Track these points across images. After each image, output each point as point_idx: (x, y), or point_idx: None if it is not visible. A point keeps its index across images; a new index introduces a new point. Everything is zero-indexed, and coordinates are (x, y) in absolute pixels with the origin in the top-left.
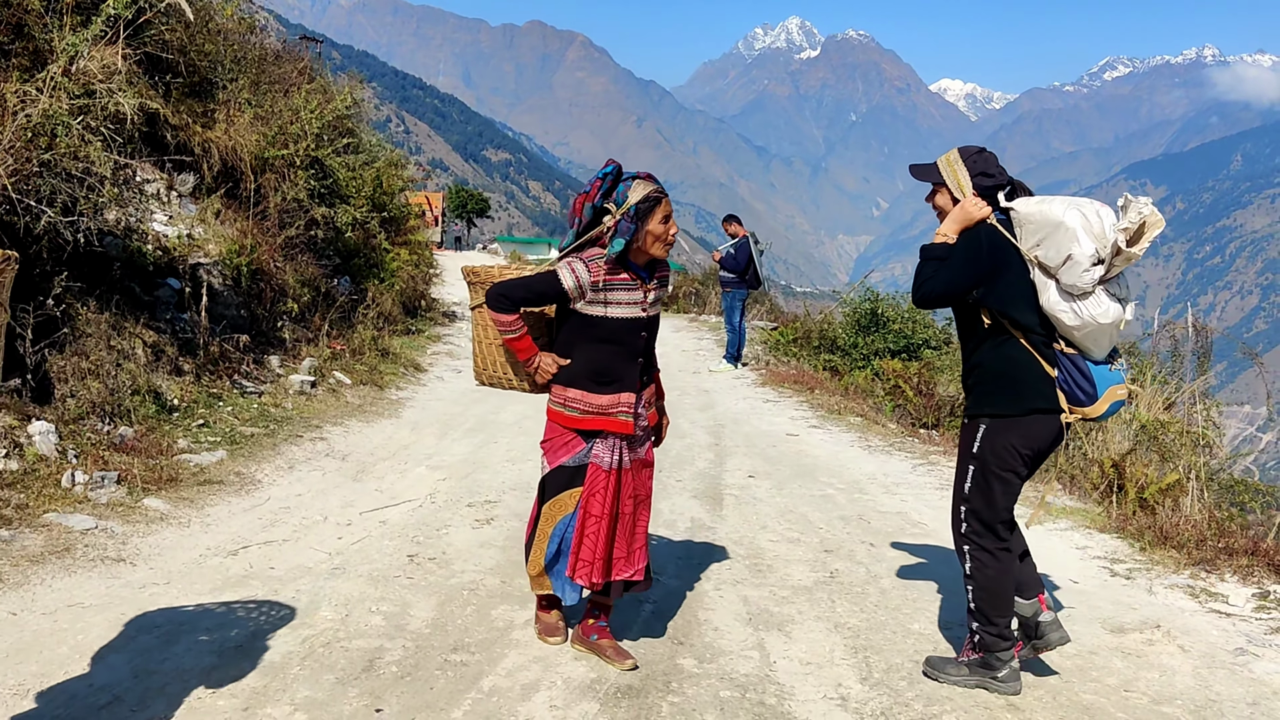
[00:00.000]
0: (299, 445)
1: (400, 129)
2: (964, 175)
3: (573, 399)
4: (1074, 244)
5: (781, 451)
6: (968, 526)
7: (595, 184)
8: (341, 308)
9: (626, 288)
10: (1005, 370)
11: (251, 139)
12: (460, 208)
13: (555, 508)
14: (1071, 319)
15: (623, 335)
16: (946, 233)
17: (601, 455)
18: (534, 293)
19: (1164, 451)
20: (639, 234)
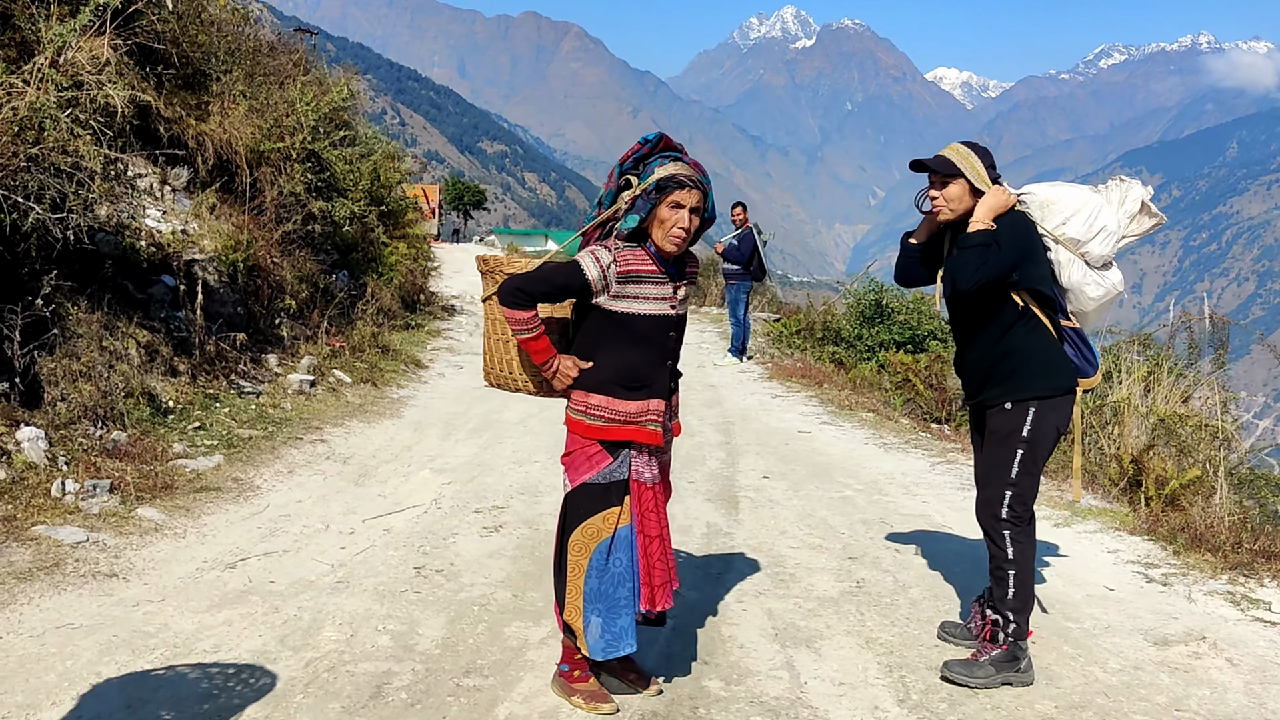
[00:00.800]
0: (299, 448)
1: (396, 121)
2: (980, 166)
3: (596, 406)
4: (1106, 216)
5: (795, 450)
6: (1010, 511)
7: (634, 147)
8: (340, 304)
9: (655, 281)
10: (1043, 351)
11: (246, 132)
12: (457, 200)
13: (588, 533)
14: (1095, 290)
15: (651, 335)
16: (982, 220)
17: (642, 471)
18: (554, 286)
19: (1182, 446)
20: (650, 215)
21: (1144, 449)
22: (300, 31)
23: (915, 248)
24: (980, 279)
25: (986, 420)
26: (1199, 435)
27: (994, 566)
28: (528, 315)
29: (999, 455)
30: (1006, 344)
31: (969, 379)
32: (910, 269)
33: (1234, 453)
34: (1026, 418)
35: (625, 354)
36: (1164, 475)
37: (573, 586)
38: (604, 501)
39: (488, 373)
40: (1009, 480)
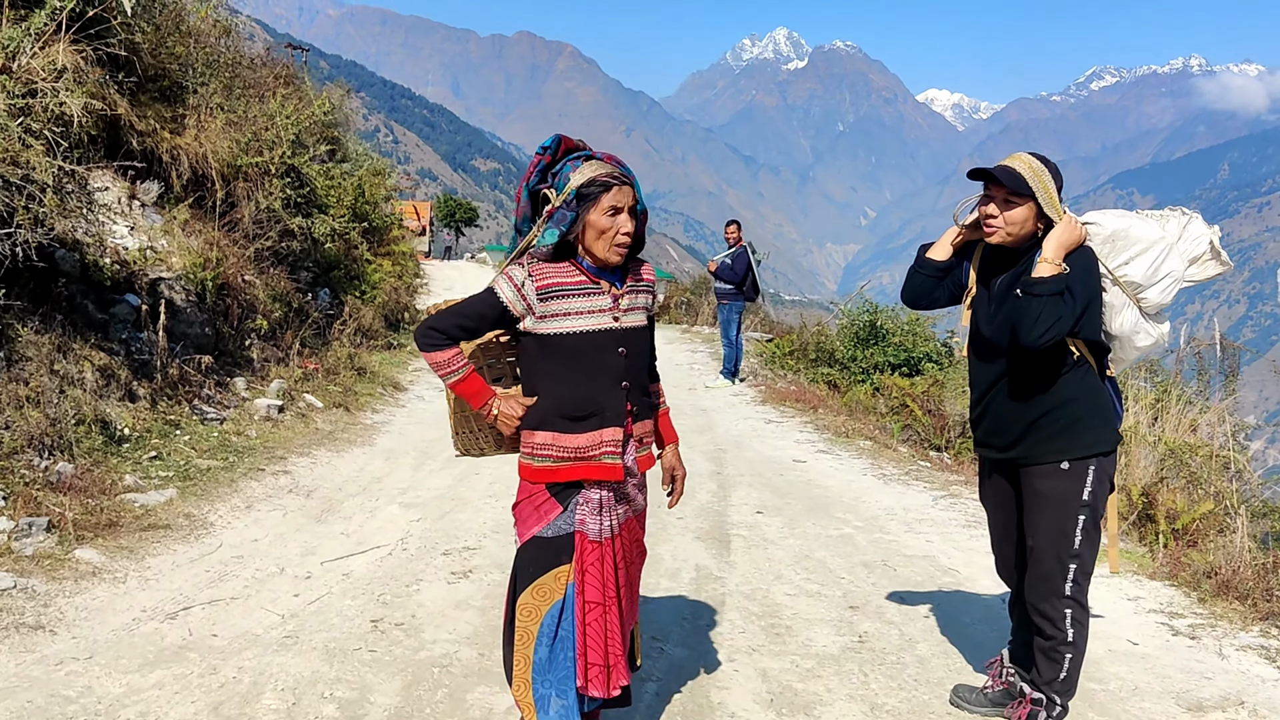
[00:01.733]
0: (259, 480)
1: (389, 139)
2: (1053, 188)
3: (541, 445)
4: (1171, 259)
5: (790, 481)
6: (1074, 586)
7: (534, 160)
8: (316, 323)
9: (585, 293)
10: (1099, 402)
11: (224, 145)
12: (449, 217)
13: (539, 595)
14: (1144, 340)
15: (591, 354)
16: (1054, 260)
17: (588, 521)
18: (469, 317)
19: (1193, 477)
20: (575, 225)
21: (1154, 481)
22: (290, 48)
23: (937, 265)
24: (1054, 336)
25: (1027, 480)
26: (1209, 466)
27: (1048, 647)
28: (448, 355)
29: (1057, 523)
30: (1060, 394)
31: (1001, 430)
32: (926, 289)
33: (1245, 484)
34: (1087, 478)
35: (563, 380)
36: (1175, 509)
37: (520, 656)
38: (555, 558)
39: (454, 439)
40: (1072, 552)
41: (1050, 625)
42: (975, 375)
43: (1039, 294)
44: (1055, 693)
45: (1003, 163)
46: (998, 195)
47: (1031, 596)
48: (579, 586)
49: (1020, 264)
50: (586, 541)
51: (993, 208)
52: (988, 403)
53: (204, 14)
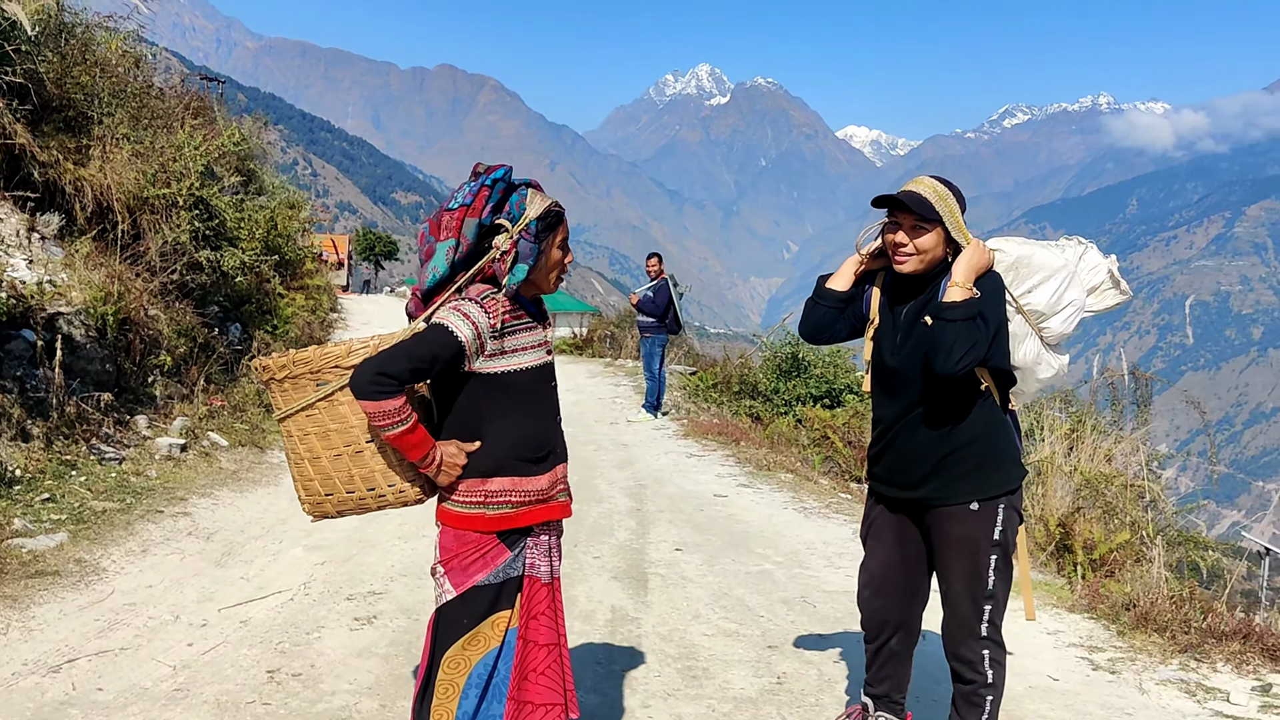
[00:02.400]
0: (157, 522)
1: (308, 171)
2: (959, 213)
3: (498, 492)
4: (1073, 288)
5: (710, 516)
6: (990, 626)
7: (481, 193)
8: (223, 359)
9: (527, 327)
10: (1004, 437)
11: (130, 176)
12: (368, 250)
13: (473, 646)
14: (1045, 371)
15: (539, 389)
16: (964, 284)
17: (539, 564)
18: (422, 359)
19: (1108, 507)
20: (540, 259)
21: (1071, 511)
22: (206, 79)
23: (839, 296)
24: (970, 362)
25: (936, 522)
26: (1124, 495)
27: (968, 691)
28: (398, 404)
29: (970, 566)
30: (969, 430)
31: (906, 469)
32: (827, 321)
33: (1160, 513)
34: (997, 517)
35: (518, 420)
36: (1092, 539)
37: (442, 710)
38: (494, 604)
39: (317, 503)
40: (986, 593)
41: (969, 669)
42: (879, 411)
43: (953, 319)
44: None
45: (906, 188)
46: (905, 222)
47: (948, 642)
48: (523, 629)
49: (927, 291)
50: (539, 585)
51: (901, 235)
52: (891, 439)
53: (114, 45)
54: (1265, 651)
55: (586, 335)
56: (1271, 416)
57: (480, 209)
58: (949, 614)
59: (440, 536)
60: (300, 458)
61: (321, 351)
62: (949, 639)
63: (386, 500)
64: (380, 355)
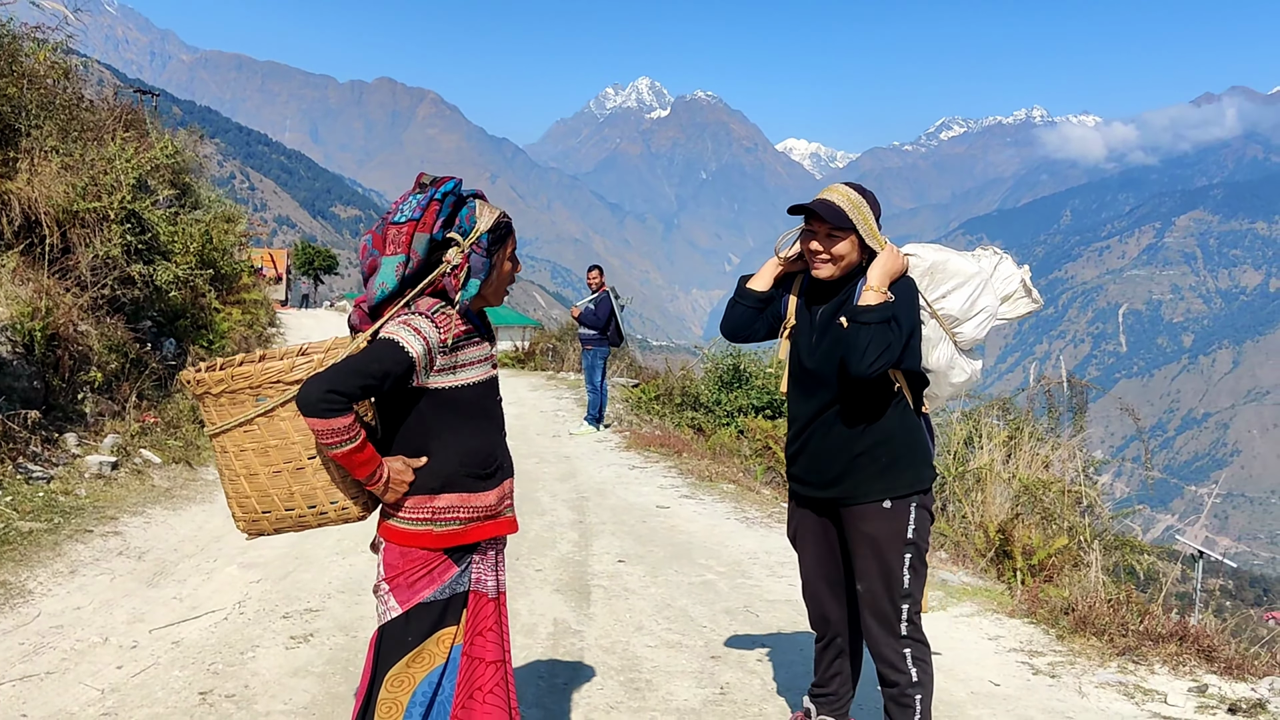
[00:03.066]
0: (86, 543)
1: (245, 185)
2: (873, 220)
3: (446, 509)
4: (986, 295)
5: (653, 528)
6: (910, 625)
7: (431, 207)
8: (156, 374)
9: (474, 341)
10: (916, 438)
11: (59, 190)
12: (307, 265)
13: (418, 664)
14: (959, 376)
15: (486, 404)
16: (879, 289)
17: (484, 577)
18: (373, 375)
19: (1046, 513)
20: (491, 272)
21: (1009, 518)
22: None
23: (758, 296)
24: (884, 364)
25: (850, 520)
26: (1062, 501)
27: (895, 693)
28: (347, 422)
29: (882, 564)
30: (881, 430)
31: (820, 468)
32: (746, 320)
33: (1097, 518)
34: (909, 516)
35: (467, 436)
36: (1030, 545)
37: None
38: (440, 621)
39: (255, 520)
40: (903, 592)
41: (893, 670)
42: (794, 410)
43: (867, 321)
44: None
45: (821, 196)
46: (820, 230)
47: (870, 644)
48: (468, 646)
49: (842, 293)
50: (485, 600)
51: (816, 244)
52: (806, 438)
53: (41, 56)
54: (1201, 653)
55: (529, 348)
56: (1202, 422)
57: (431, 224)
58: (868, 615)
59: (384, 553)
60: (236, 474)
61: (262, 366)
62: (872, 641)
63: (328, 518)
64: (330, 372)
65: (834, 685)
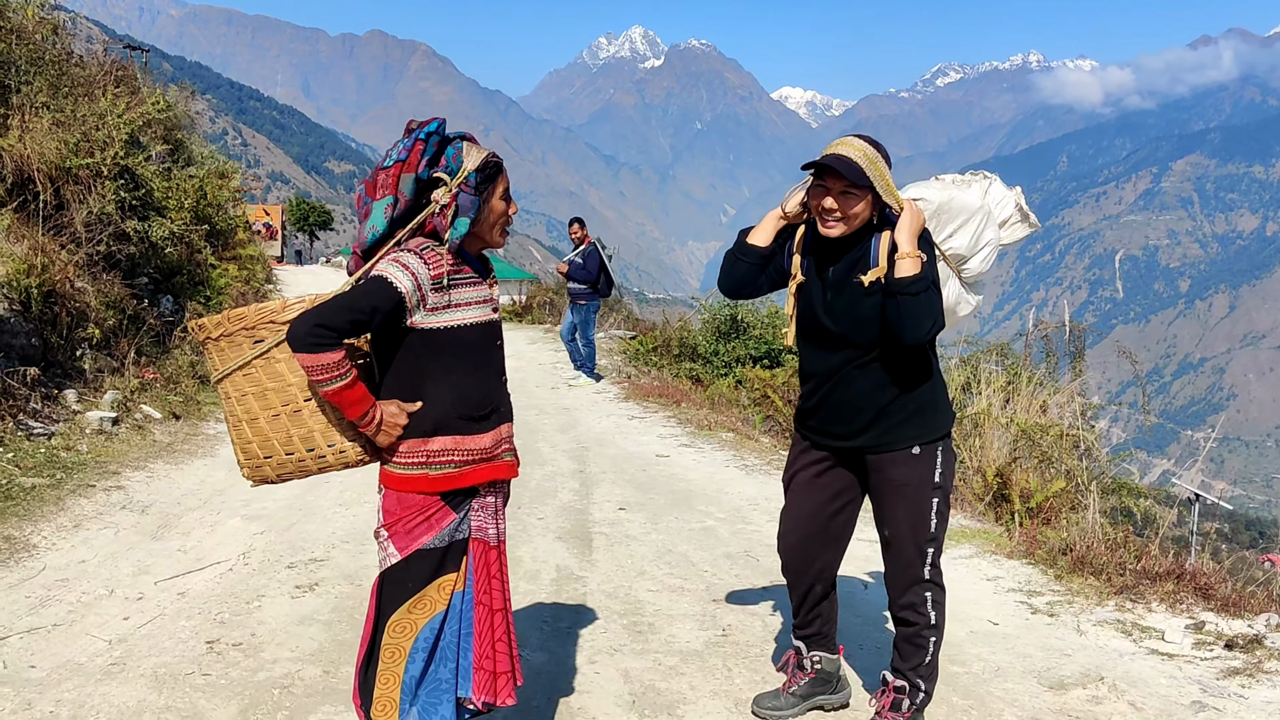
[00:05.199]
0: (90, 497)
1: (238, 142)
2: (890, 177)
3: (440, 451)
4: (989, 228)
5: (653, 476)
6: (933, 569)
7: (415, 147)
8: (154, 331)
9: (471, 282)
10: (938, 383)
11: (51, 146)
12: (302, 220)
13: (418, 609)
14: (965, 309)
15: (484, 347)
16: (912, 251)
17: (485, 526)
18: (361, 311)
19: (1044, 457)
20: (481, 211)
21: (1007, 462)
22: (129, 48)
23: (760, 252)
24: (938, 329)
25: (878, 468)
26: (1059, 445)
27: (910, 633)
28: (337, 358)
29: (914, 509)
30: (909, 380)
31: (845, 419)
32: (749, 277)
33: (1095, 462)
34: (937, 461)
35: (461, 378)
36: (1028, 488)
37: (388, 675)
38: (440, 568)
39: (256, 466)
40: (929, 536)
41: (912, 612)
42: (811, 364)
43: (915, 292)
44: (920, 678)
45: (835, 150)
46: (835, 187)
47: (892, 587)
48: (478, 594)
49: (856, 250)
50: (488, 548)
51: (830, 201)
52: (827, 391)
53: (30, 12)
54: (1198, 590)
55: (525, 302)
56: (1198, 367)
57: (415, 164)
58: (892, 559)
59: (383, 500)
60: (238, 420)
61: (256, 307)
62: (893, 584)
63: (326, 461)
64: (318, 307)
65: (817, 625)
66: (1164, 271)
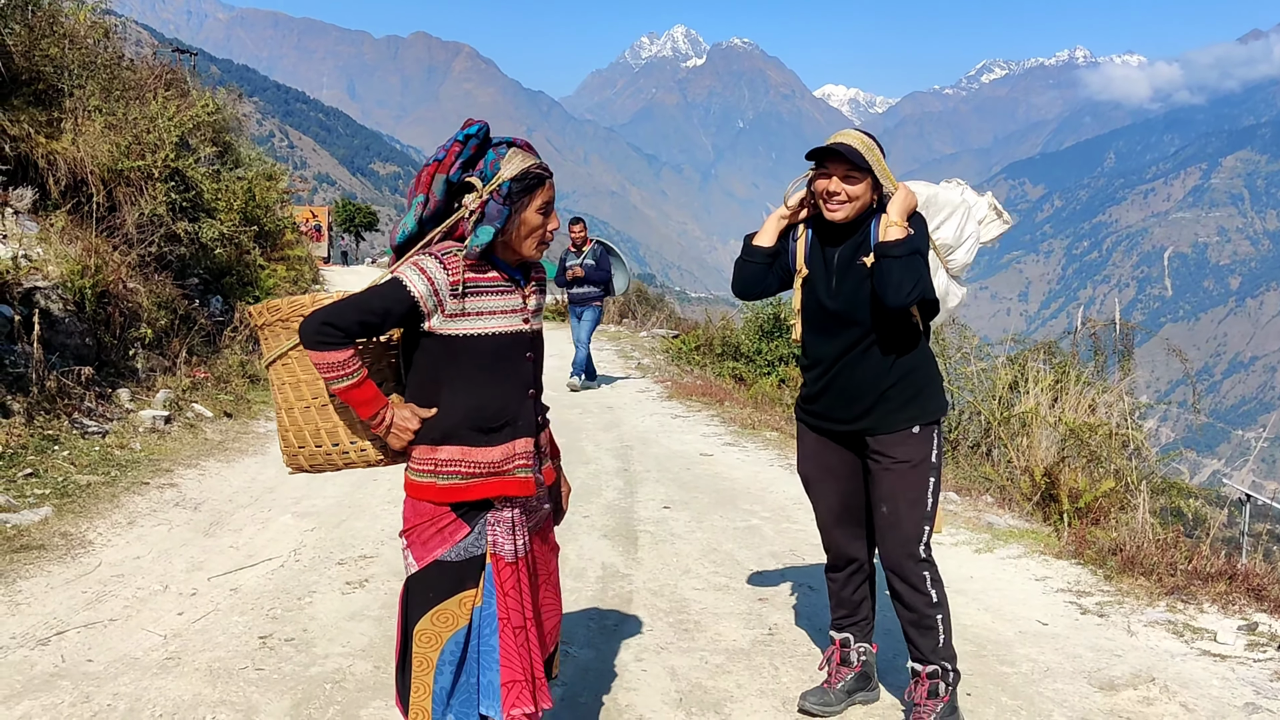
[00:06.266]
0: (143, 494)
1: (284, 144)
2: (885, 163)
3: (448, 461)
4: (970, 222)
5: (697, 475)
6: (926, 548)
7: (453, 149)
8: (205, 331)
9: (499, 290)
10: (934, 367)
11: (103, 149)
12: (348, 221)
13: (440, 622)
14: (954, 300)
15: (507, 358)
16: (901, 223)
17: (502, 541)
18: (372, 312)
19: (1093, 456)
20: (511, 222)
21: (1056, 461)
22: (178, 52)
23: (766, 252)
24: (919, 294)
25: (879, 448)
26: (1108, 445)
27: (916, 618)
28: (344, 356)
29: (909, 487)
30: (908, 361)
31: (849, 403)
32: (758, 277)
33: (1144, 461)
34: (933, 441)
35: (476, 388)
36: (1077, 488)
37: (419, 684)
38: (459, 582)
39: (293, 454)
40: (925, 513)
41: (912, 592)
42: (817, 352)
43: (897, 255)
44: (943, 659)
45: (835, 139)
46: (837, 172)
47: (890, 567)
48: (501, 610)
49: (858, 234)
50: (503, 564)
51: (835, 184)
52: (832, 377)
53: (81, 16)
54: (1250, 591)
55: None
56: (1249, 366)
57: (449, 165)
58: (890, 539)
59: (404, 505)
60: (279, 408)
61: (290, 300)
62: (889, 562)
63: (350, 458)
64: (330, 305)
65: (864, 610)
66: (1214, 269)
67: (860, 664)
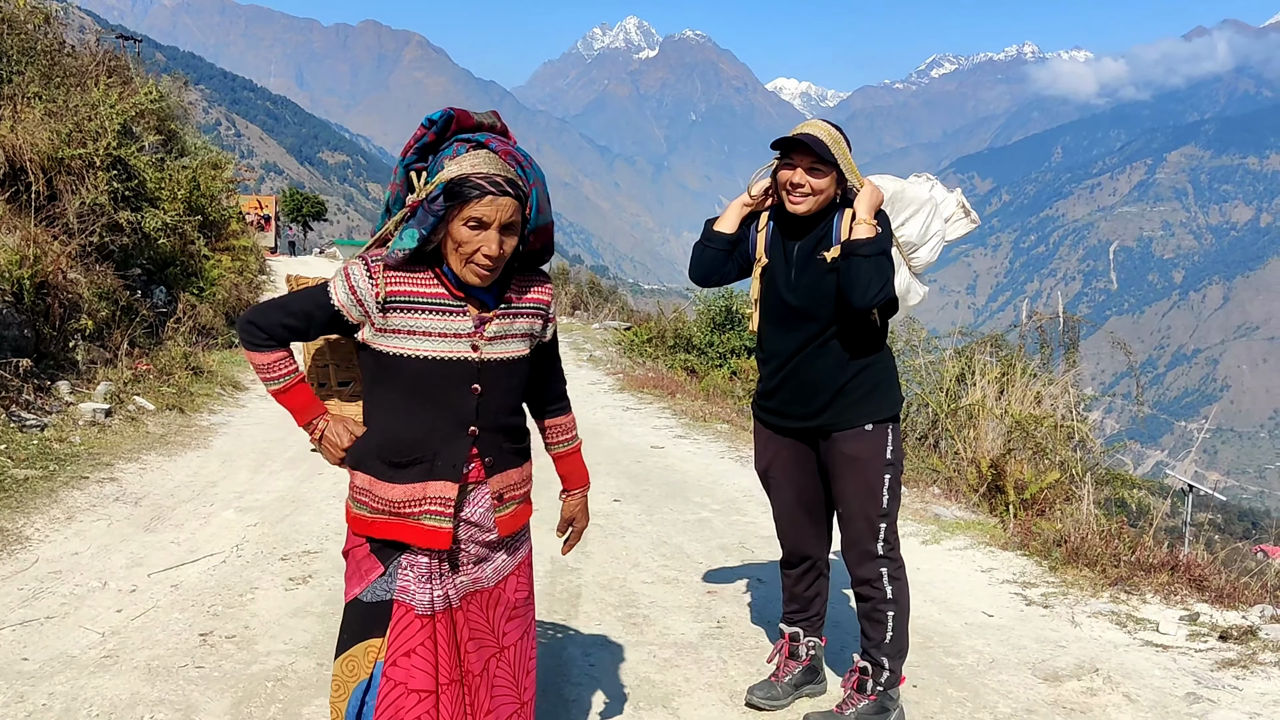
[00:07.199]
0: (82, 489)
1: (231, 132)
2: (850, 157)
3: (360, 489)
4: (936, 220)
5: (648, 468)
6: (886, 545)
7: (417, 132)
8: (148, 322)
9: (441, 309)
10: (890, 365)
11: (43, 137)
12: (295, 211)
13: (347, 670)
14: (915, 298)
15: (434, 386)
16: (869, 222)
17: (414, 590)
18: (294, 315)
19: (1038, 448)
20: (436, 231)
21: (1002, 453)
22: (122, 39)
23: (727, 238)
24: (885, 295)
25: (832, 446)
26: (1054, 436)
27: (868, 609)
28: (270, 359)
29: (865, 485)
30: (864, 359)
31: (805, 399)
32: (717, 264)
33: (1089, 453)
34: (888, 438)
35: (393, 414)
36: (1023, 480)
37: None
38: (367, 629)
39: None
40: (881, 511)
41: (868, 587)
42: (773, 346)
43: (866, 254)
44: (884, 655)
45: (802, 129)
46: (803, 163)
47: (849, 563)
48: (395, 669)
49: (819, 228)
50: (411, 615)
51: (799, 175)
52: (789, 372)
53: (21, 2)
54: (1192, 582)
55: None
56: (1192, 359)
57: (407, 149)
58: (846, 535)
59: None
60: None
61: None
62: (849, 560)
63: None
64: (260, 304)
65: (816, 606)
66: (1158, 263)
67: (809, 658)
